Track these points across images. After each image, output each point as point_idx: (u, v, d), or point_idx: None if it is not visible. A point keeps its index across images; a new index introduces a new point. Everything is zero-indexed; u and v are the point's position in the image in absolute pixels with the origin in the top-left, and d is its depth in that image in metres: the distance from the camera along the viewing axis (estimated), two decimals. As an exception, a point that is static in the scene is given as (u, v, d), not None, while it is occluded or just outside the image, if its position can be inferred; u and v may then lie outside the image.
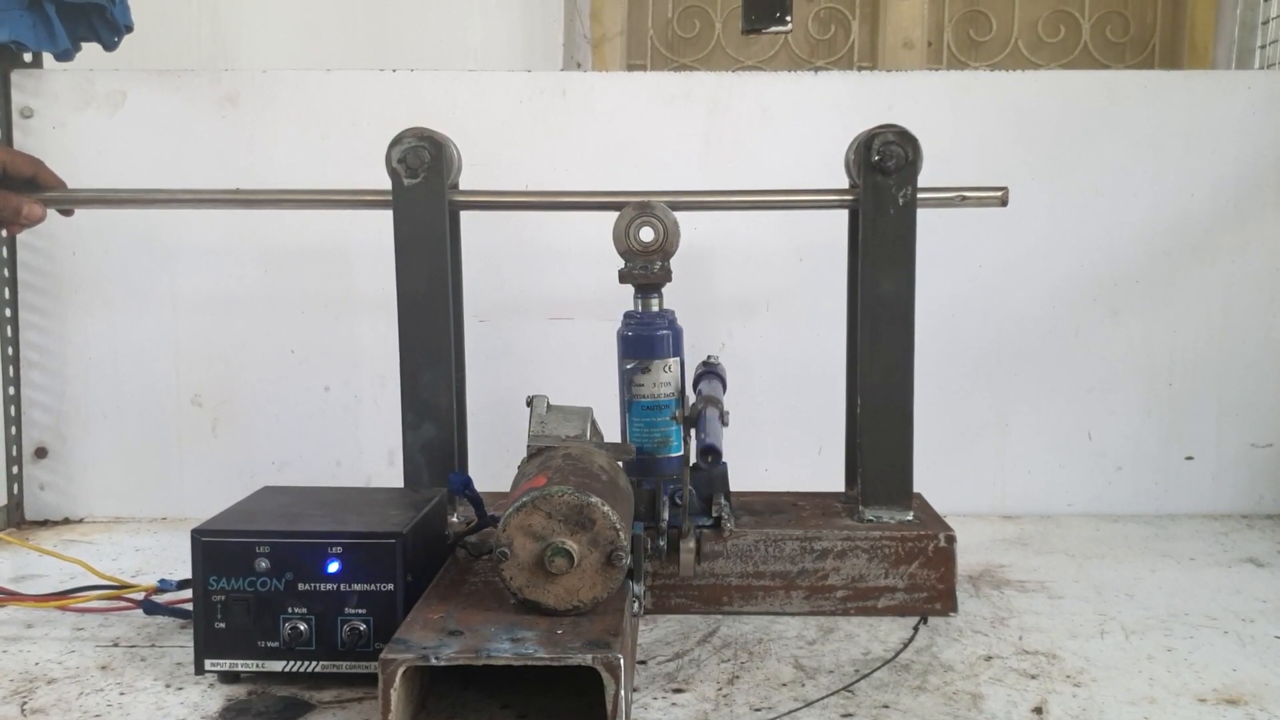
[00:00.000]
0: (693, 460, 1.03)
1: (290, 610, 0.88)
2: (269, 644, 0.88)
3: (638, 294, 1.11)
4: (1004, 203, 1.14)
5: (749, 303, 1.46)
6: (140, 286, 1.46)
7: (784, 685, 0.90)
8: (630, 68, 2.51)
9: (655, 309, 1.11)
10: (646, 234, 1.08)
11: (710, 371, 1.14)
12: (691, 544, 1.00)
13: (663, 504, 1.04)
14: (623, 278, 1.09)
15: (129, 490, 1.48)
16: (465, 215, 1.20)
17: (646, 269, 1.08)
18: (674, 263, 1.11)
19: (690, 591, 1.07)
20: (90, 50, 1.40)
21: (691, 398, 1.09)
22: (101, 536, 1.40)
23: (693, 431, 1.02)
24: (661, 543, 1.01)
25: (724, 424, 1.01)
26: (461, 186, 1.18)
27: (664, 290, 1.11)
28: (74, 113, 1.45)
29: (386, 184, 1.13)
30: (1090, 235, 1.45)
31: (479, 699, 0.86)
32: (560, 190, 1.21)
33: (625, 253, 1.09)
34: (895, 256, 1.11)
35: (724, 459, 1.11)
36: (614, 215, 1.09)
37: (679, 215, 1.10)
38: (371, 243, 1.38)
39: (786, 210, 1.24)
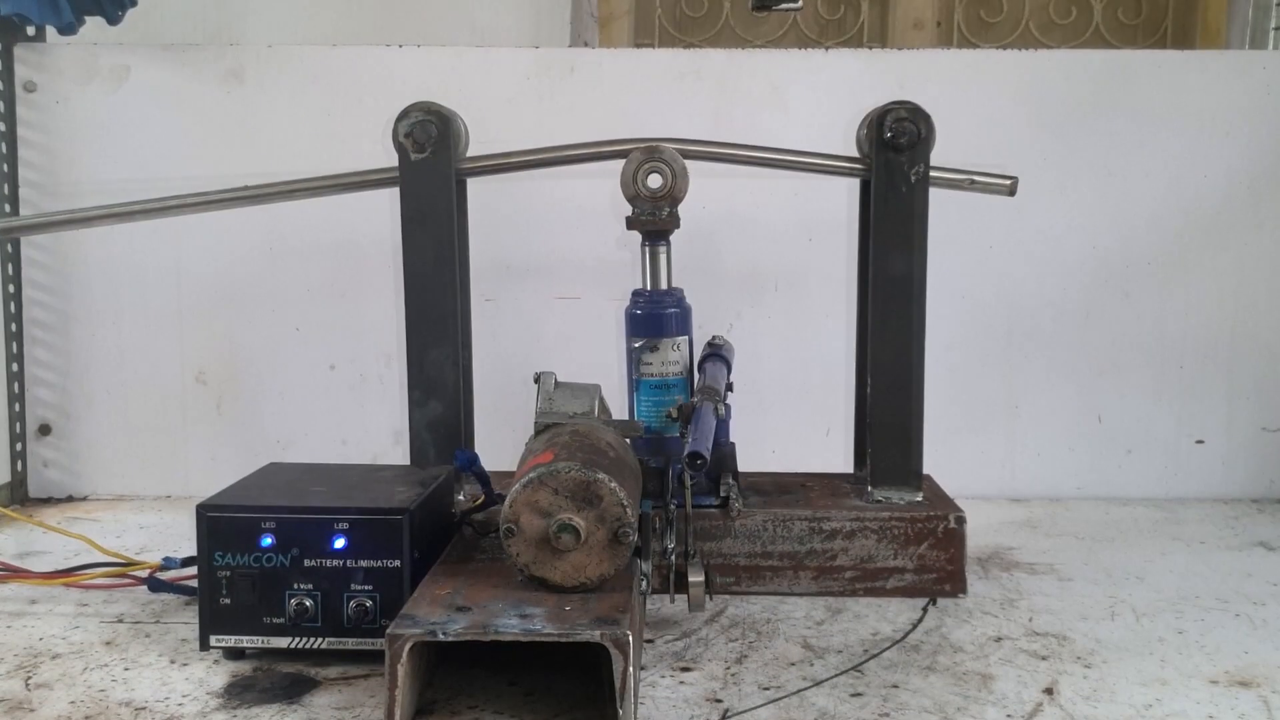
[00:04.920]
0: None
1: (296, 586, 0.87)
2: (274, 620, 0.87)
3: (645, 241, 1.09)
4: (1012, 193, 1.13)
5: (757, 283, 1.45)
6: (144, 263, 1.45)
7: (792, 665, 0.90)
8: (638, 46, 2.49)
9: (663, 269, 1.09)
10: (654, 180, 1.06)
11: (715, 354, 1.11)
12: (701, 576, 0.93)
13: (671, 483, 1.03)
14: (630, 224, 1.08)
15: (133, 468, 1.48)
16: (472, 193, 1.18)
17: (655, 215, 1.07)
18: (681, 242, 1.10)
19: (697, 571, 1.06)
20: (94, 24, 1.39)
21: (697, 378, 1.08)
22: (105, 514, 1.39)
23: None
24: (667, 557, 0.93)
25: (719, 416, 0.97)
26: (468, 163, 1.17)
27: (673, 269, 1.10)
28: (78, 87, 1.43)
29: (392, 159, 1.12)
30: (1102, 216, 1.44)
31: (485, 676, 0.85)
32: (565, 144, 1.20)
33: (633, 199, 1.07)
34: (906, 235, 1.10)
35: (731, 441, 1.11)
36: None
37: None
38: (378, 219, 1.38)
39: (797, 173, 1.22)
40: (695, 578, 0.93)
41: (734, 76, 1.43)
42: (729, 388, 1.05)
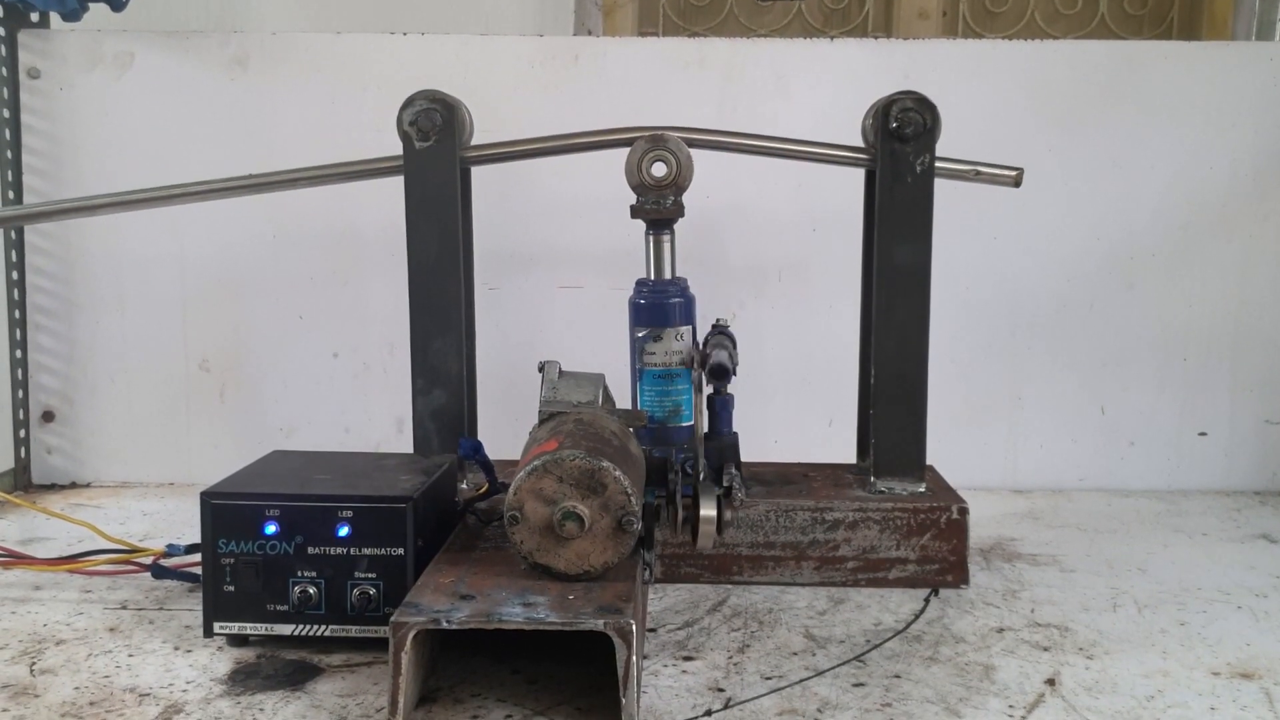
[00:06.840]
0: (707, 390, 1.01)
1: (300, 574, 0.87)
2: (278, 607, 0.88)
3: (649, 230, 1.09)
4: (1017, 184, 1.13)
5: (761, 273, 1.45)
6: (148, 250, 1.45)
7: (795, 654, 0.90)
8: (642, 35, 2.49)
9: (667, 258, 1.09)
10: (659, 169, 1.06)
11: (720, 332, 1.11)
12: (712, 512, 0.91)
13: (674, 470, 1.03)
14: (634, 213, 1.08)
15: (136, 455, 1.48)
16: (476, 183, 1.18)
17: (659, 204, 1.07)
18: (686, 233, 1.10)
19: (700, 561, 1.06)
20: (98, 10, 1.38)
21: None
22: (109, 501, 1.40)
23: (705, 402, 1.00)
24: (678, 513, 0.92)
25: (734, 363, 1.00)
26: (473, 152, 1.17)
27: (677, 258, 1.10)
28: (81, 74, 1.43)
29: (396, 147, 1.12)
30: (1106, 208, 1.43)
31: (488, 664, 0.85)
32: (570, 133, 1.20)
33: (637, 187, 1.07)
34: (912, 225, 1.10)
35: (734, 430, 1.11)
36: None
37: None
38: (381, 207, 1.37)
39: (801, 163, 1.22)
40: (707, 511, 0.91)
41: (738, 66, 1.43)
42: (734, 369, 1.05)
